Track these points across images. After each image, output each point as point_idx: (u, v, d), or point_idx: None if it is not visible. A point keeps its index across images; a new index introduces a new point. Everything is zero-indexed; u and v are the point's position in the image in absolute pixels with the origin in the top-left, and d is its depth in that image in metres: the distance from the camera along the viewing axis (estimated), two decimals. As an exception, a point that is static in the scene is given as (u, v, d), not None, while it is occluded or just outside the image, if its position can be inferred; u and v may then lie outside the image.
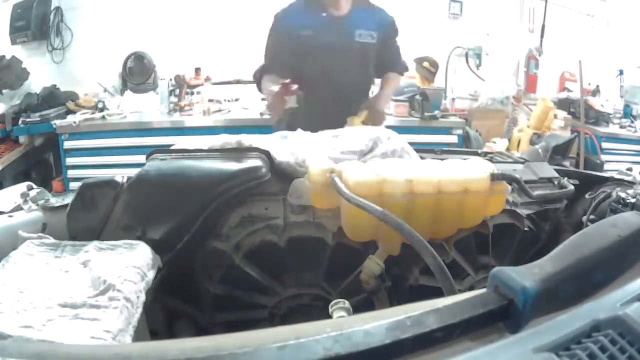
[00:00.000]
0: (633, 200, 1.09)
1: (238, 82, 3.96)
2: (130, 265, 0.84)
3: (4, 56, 3.61)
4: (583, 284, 0.48)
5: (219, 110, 3.72)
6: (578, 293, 0.47)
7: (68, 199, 1.06)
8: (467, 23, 4.57)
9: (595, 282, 0.49)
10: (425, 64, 4.11)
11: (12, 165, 3.38)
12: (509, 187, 1.05)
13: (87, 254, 0.88)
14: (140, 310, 0.78)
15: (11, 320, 0.69)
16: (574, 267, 0.47)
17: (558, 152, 2.81)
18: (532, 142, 3.92)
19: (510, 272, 0.44)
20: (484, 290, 0.46)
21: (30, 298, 0.74)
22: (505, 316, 0.42)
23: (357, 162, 1.05)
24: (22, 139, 3.54)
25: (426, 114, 3.78)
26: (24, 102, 3.56)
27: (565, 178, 1.21)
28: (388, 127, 1.49)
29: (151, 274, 0.88)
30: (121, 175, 1.07)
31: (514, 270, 0.45)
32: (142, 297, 0.81)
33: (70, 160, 3.50)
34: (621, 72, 4.90)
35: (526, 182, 1.13)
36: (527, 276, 0.44)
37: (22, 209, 1.08)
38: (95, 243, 0.92)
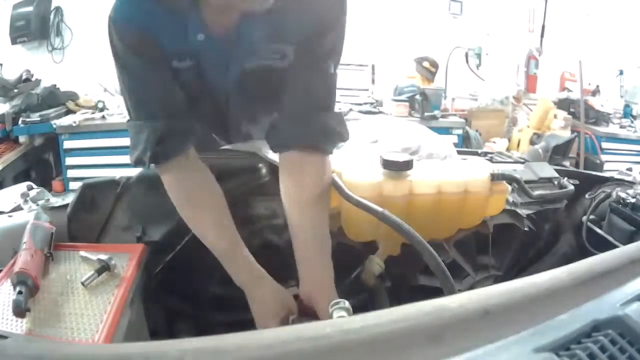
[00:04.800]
0: (633, 200, 1.09)
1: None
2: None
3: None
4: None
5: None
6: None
7: (68, 199, 1.06)
8: (467, 23, 4.58)
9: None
10: (425, 64, 4.12)
11: (12, 165, 3.37)
12: (509, 187, 1.05)
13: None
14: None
15: None
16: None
17: (558, 152, 2.82)
18: (532, 142, 3.93)
19: None
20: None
21: None
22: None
23: (358, 162, 1.05)
24: (22, 139, 3.54)
25: (426, 114, 3.79)
26: (24, 102, 3.56)
27: (565, 178, 1.21)
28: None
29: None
30: (121, 175, 1.07)
31: None
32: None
33: (70, 160, 3.50)
34: (621, 72, 4.90)
35: (526, 182, 1.13)
36: None
37: (22, 209, 1.09)
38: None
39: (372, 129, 1.27)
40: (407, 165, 0.94)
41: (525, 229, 1.13)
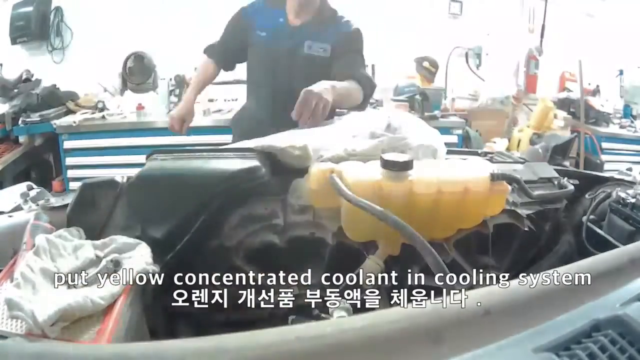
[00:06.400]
0: (633, 200, 1.09)
1: (238, 82, 3.96)
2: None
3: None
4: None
5: (219, 110, 3.72)
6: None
7: (68, 199, 1.06)
8: (467, 23, 4.58)
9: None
10: (425, 64, 4.12)
11: (12, 165, 3.38)
12: (509, 187, 1.05)
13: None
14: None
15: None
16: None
17: (558, 152, 2.81)
18: (532, 142, 3.92)
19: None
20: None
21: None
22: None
23: (358, 162, 1.05)
24: (22, 139, 3.54)
25: (426, 114, 3.78)
26: (24, 102, 3.56)
27: (565, 178, 1.21)
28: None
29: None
30: (121, 175, 1.07)
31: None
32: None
33: (70, 160, 3.50)
34: (621, 72, 4.90)
35: (526, 182, 1.13)
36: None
37: (22, 209, 1.09)
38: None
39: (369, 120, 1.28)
40: (407, 165, 0.94)
41: (525, 229, 1.13)
